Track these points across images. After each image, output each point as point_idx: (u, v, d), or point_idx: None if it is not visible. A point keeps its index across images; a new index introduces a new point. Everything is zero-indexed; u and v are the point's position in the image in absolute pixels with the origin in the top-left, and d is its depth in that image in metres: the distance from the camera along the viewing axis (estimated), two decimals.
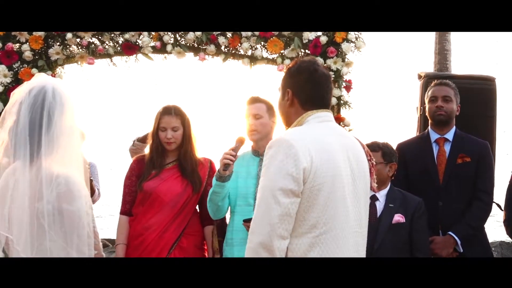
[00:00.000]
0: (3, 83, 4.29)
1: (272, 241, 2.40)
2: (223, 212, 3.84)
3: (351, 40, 4.43)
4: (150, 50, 4.49)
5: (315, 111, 2.67)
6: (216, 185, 3.66)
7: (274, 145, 2.52)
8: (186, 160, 3.99)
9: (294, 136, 2.54)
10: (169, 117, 3.96)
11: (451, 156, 4.21)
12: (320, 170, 2.45)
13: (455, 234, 4.05)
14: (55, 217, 2.41)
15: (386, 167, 3.96)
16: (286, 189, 2.41)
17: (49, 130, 2.47)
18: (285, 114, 2.78)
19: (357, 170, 2.63)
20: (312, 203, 2.44)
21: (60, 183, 2.43)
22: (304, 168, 2.42)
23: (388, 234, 3.79)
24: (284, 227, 2.41)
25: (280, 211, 2.40)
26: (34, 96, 2.49)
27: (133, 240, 3.94)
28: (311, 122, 2.65)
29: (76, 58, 4.51)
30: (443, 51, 11.84)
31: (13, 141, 2.47)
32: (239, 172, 3.78)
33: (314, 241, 2.45)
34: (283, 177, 2.42)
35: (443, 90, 4.32)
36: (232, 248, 3.77)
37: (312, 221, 2.45)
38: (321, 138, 2.56)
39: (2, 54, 4.33)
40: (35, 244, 2.41)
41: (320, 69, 2.72)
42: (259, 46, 4.50)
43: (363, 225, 2.66)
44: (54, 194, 2.42)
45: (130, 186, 4.04)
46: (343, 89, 4.45)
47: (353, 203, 2.58)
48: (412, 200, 3.94)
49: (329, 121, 2.70)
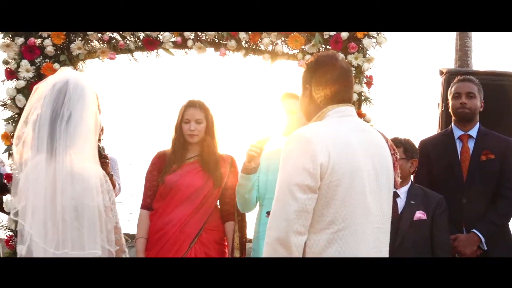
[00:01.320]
0: (26, 78, 4.31)
1: (289, 237, 2.39)
2: (251, 205, 3.83)
3: (372, 35, 4.40)
4: (171, 45, 4.49)
5: (336, 106, 2.64)
6: (241, 177, 3.67)
7: (292, 140, 2.52)
8: (208, 154, 4.00)
9: (312, 131, 2.53)
10: (194, 110, 3.98)
11: (475, 153, 4.17)
12: (338, 166, 2.43)
13: (479, 232, 4.01)
14: (77, 213, 2.42)
15: (407, 163, 3.94)
16: (303, 184, 2.40)
17: (70, 124, 2.48)
18: (306, 110, 2.77)
19: (380, 166, 2.60)
20: (330, 199, 2.43)
21: (81, 179, 2.44)
22: (321, 164, 2.41)
23: (409, 231, 3.76)
24: (301, 223, 2.41)
25: (297, 206, 2.40)
26: (57, 90, 2.51)
27: (153, 234, 3.95)
28: (332, 116, 2.63)
29: (97, 53, 4.52)
30: (464, 48, 11.75)
31: (36, 135, 2.48)
32: (270, 165, 3.76)
33: (332, 237, 2.44)
34: (300, 173, 2.41)
35: (467, 87, 4.28)
36: (258, 242, 3.77)
37: (330, 217, 2.44)
38: (340, 133, 2.54)
39: (25, 49, 4.36)
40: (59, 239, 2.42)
41: (339, 63, 2.70)
42: (279, 41, 4.50)
43: (386, 221, 2.63)
44: (76, 190, 2.43)
45: (152, 180, 4.06)
46: (364, 85, 4.42)
47: (375, 199, 2.55)
48: (433, 197, 3.91)
49: (350, 116, 2.67)
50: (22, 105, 4.30)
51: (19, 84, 4.32)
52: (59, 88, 2.51)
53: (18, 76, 4.34)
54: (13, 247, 4.24)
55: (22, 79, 4.32)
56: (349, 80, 2.72)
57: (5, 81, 4.43)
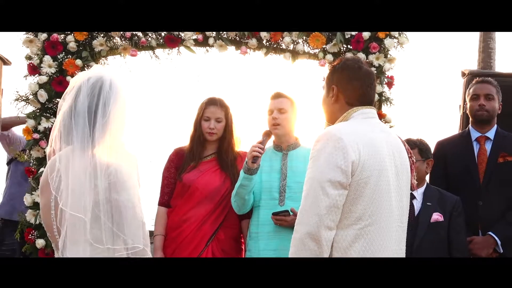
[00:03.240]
0: (48, 73, 4.35)
1: (319, 232, 2.46)
2: (248, 206, 3.87)
3: (394, 36, 4.38)
4: (192, 43, 4.50)
5: (360, 108, 2.73)
6: (244, 178, 3.70)
7: (323, 138, 2.58)
8: (226, 152, 4.02)
9: (342, 130, 2.59)
10: (215, 108, 4.00)
11: (492, 155, 4.14)
12: (367, 164, 2.51)
13: (495, 234, 3.99)
14: (106, 207, 2.44)
15: (423, 164, 3.95)
16: (335, 181, 2.47)
17: (103, 119, 2.50)
18: (330, 111, 2.84)
19: (401, 166, 2.68)
20: (358, 196, 2.50)
21: (111, 173, 2.46)
22: (353, 161, 2.48)
23: (427, 233, 3.77)
24: (331, 218, 2.48)
25: (328, 202, 2.46)
26: (92, 84, 2.52)
27: (171, 231, 3.98)
28: (357, 118, 2.70)
29: (119, 50, 4.55)
30: (488, 49, 11.61)
31: (66, 126, 2.50)
32: (263, 167, 3.81)
33: (359, 232, 2.51)
34: (332, 169, 2.48)
35: (485, 88, 4.25)
36: (258, 242, 3.79)
37: (358, 213, 2.51)
38: (367, 133, 2.61)
39: (47, 44, 4.39)
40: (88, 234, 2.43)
41: (364, 67, 2.80)
42: (301, 40, 4.49)
43: (404, 220, 2.71)
44: (106, 183, 2.45)
45: (169, 177, 4.08)
46: (385, 85, 4.39)
47: (396, 198, 2.63)
48: (449, 198, 3.91)
49: (373, 118, 2.76)
50: (44, 100, 4.35)
51: (41, 80, 4.36)
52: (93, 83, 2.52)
53: (40, 71, 4.38)
54: (33, 241, 4.28)
55: (45, 75, 4.37)
56: (374, 84, 2.81)
57: (28, 76, 4.47)
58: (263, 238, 3.77)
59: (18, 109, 4.46)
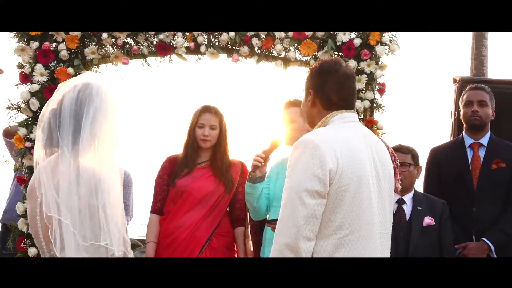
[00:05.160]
0: (40, 82, 4.34)
1: (298, 243, 2.39)
2: (261, 213, 3.87)
3: (385, 43, 4.39)
4: (184, 50, 4.50)
5: (339, 112, 2.65)
6: (247, 185, 3.72)
7: (300, 146, 2.51)
8: (220, 159, 4.02)
9: (320, 137, 2.53)
10: (209, 115, 4.02)
11: (485, 162, 4.16)
12: (346, 171, 2.43)
13: (489, 240, 4.00)
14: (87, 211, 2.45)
15: (415, 170, 4.03)
16: (312, 190, 2.40)
17: (88, 125, 2.50)
18: (309, 115, 2.78)
19: (382, 171, 2.61)
20: (337, 204, 2.43)
21: (90, 178, 2.46)
22: (330, 170, 2.41)
23: (420, 237, 3.83)
24: (310, 229, 2.41)
25: (306, 212, 2.39)
26: (78, 91, 2.53)
27: (164, 238, 3.97)
28: (336, 122, 2.63)
29: (111, 58, 4.55)
30: (480, 57, 11.67)
31: (52, 131, 2.50)
32: (279, 174, 3.78)
33: (339, 242, 2.44)
34: (309, 178, 2.41)
35: (478, 95, 4.27)
36: (264, 248, 3.82)
37: (338, 222, 2.44)
38: (346, 138, 2.54)
39: (39, 53, 4.39)
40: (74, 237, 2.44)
41: (342, 69, 2.69)
42: (292, 48, 4.49)
43: (388, 227, 2.64)
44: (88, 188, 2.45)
45: (162, 185, 4.08)
46: (377, 92, 4.40)
47: (378, 204, 2.56)
48: (437, 202, 4.00)
49: (354, 122, 2.68)
50: (36, 109, 4.34)
51: (33, 88, 4.34)
52: (80, 89, 2.53)
53: (32, 80, 4.37)
54: (25, 249, 4.27)
55: (36, 83, 4.36)
56: (353, 87, 2.72)
57: (20, 85, 4.47)
58: (268, 244, 3.76)
59: (10, 117, 4.44)
